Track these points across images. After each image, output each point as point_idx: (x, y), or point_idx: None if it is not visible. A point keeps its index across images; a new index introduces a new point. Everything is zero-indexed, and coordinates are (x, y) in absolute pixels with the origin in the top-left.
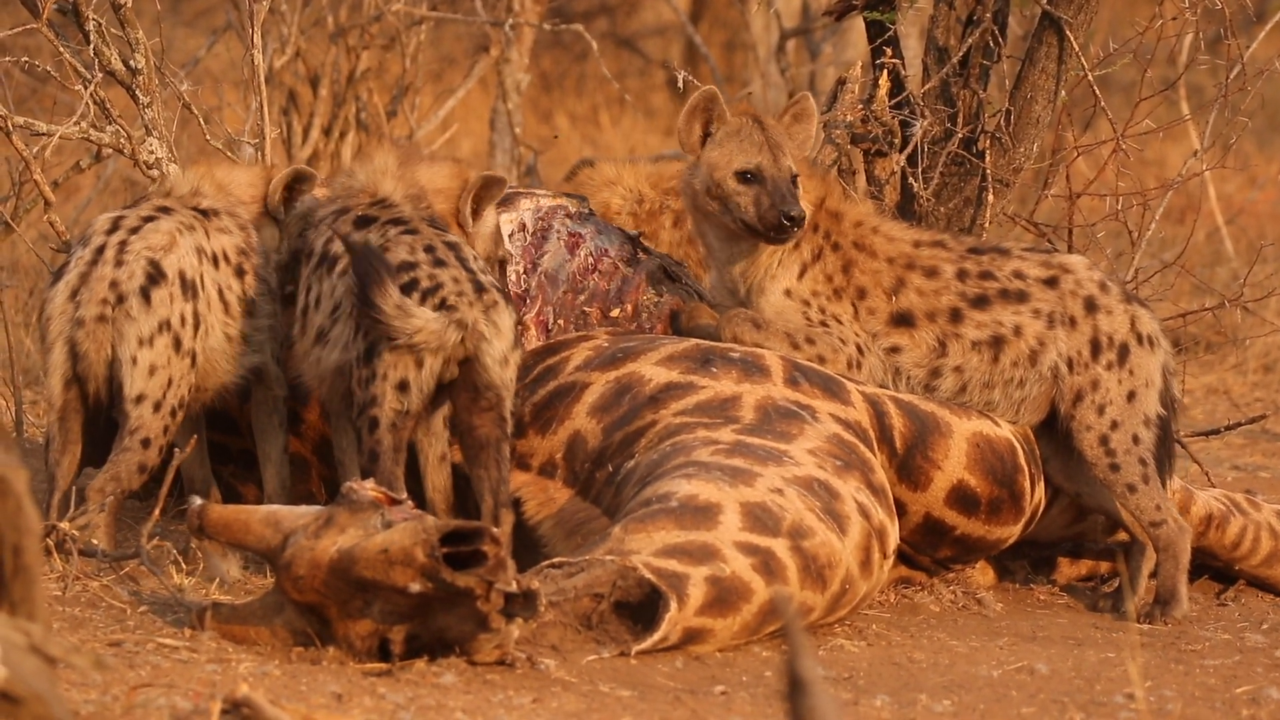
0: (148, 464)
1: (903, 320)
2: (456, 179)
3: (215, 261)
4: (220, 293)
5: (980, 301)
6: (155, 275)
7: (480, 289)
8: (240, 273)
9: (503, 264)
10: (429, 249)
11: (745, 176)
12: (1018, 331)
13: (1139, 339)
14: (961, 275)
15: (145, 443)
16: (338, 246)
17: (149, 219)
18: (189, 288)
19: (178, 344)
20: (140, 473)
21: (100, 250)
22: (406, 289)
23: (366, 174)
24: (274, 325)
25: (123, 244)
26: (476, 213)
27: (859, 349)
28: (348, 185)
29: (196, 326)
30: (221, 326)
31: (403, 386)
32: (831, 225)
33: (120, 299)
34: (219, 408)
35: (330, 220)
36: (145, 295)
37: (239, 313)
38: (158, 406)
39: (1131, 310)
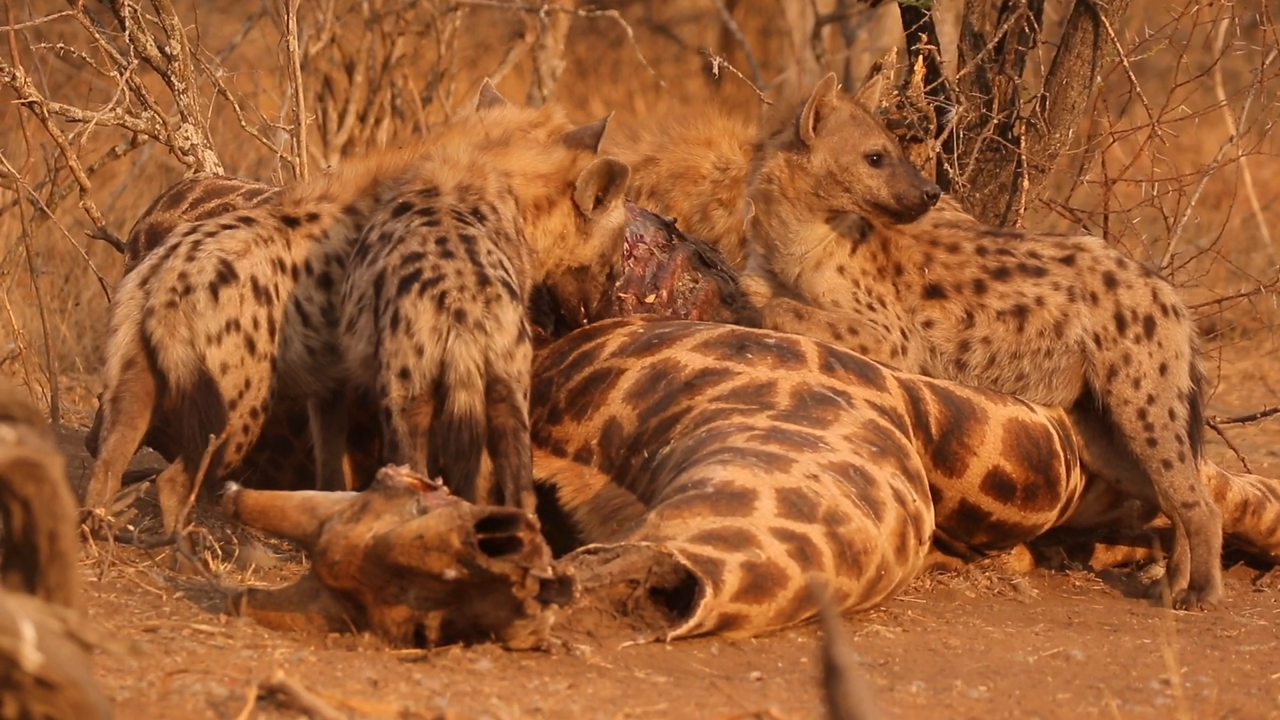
0: (222, 461)
1: (934, 293)
2: (565, 161)
3: (295, 274)
4: (298, 305)
5: (1001, 273)
6: (226, 274)
7: (484, 282)
8: (326, 282)
9: (611, 276)
10: (441, 240)
11: (874, 159)
12: (1040, 302)
13: (1164, 310)
14: (981, 251)
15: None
16: (375, 236)
17: (228, 227)
18: (262, 293)
19: (251, 346)
20: (215, 466)
21: (174, 247)
22: (409, 280)
23: (437, 161)
24: None
25: (197, 243)
26: (601, 202)
27: (904, 333)
28: (417, 171)
29: (273, 332)
30: (301, 339)
31: (404, 374)
32: None
33: (188, 290)
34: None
35: (383, 207)
36: (214, 291)
37: (321, 324)
38: (233, 405)
39: (1152, 283)
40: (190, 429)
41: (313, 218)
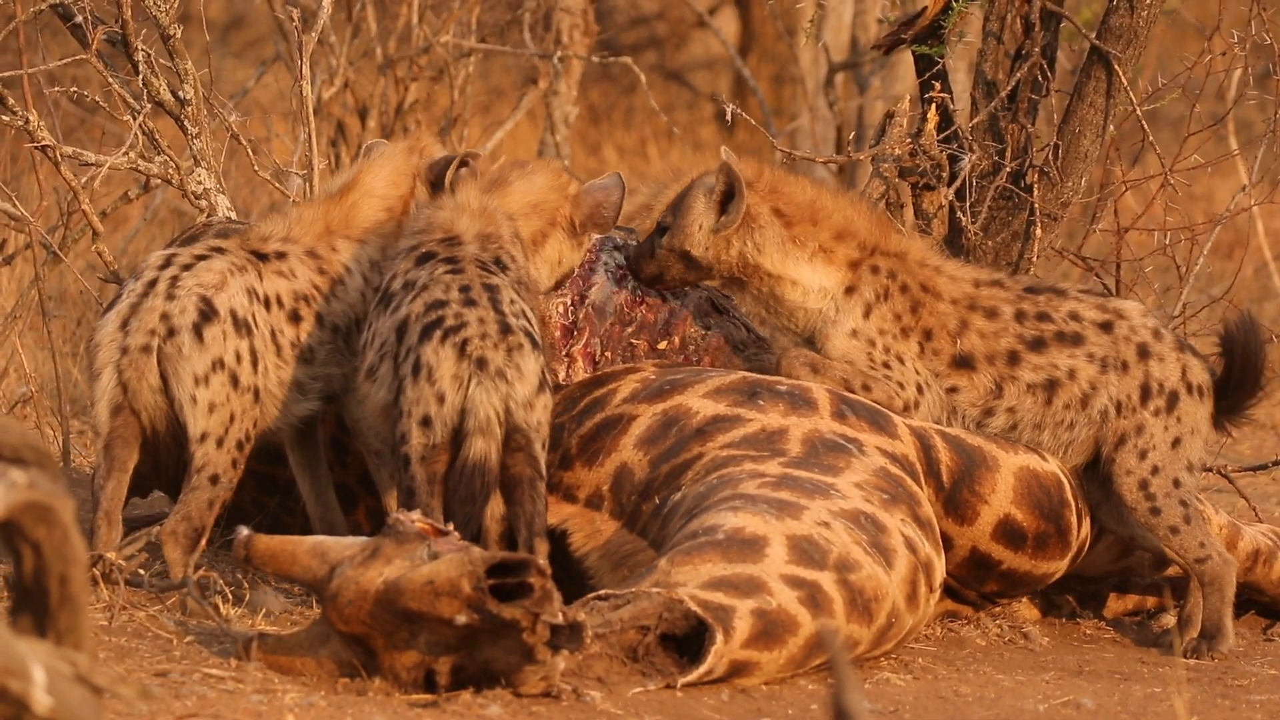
0: (217, 500)
1: (964, 363)
2: (552, 189)
3: (267, 304)
4: (273, 335)
5: (1037, 344)
6: (207, 312)
7: (506, 330)
8: (295, 318)
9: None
10: (464, 289)
11: None
12: (1072, 375)
13: (1189, 388)
14: (1019, 316)
15: (214, 479)
16: (398, 284)
17: (202, 258)
18: (241, 325)
19: (235, 380)
20: (210, 508)
21: (152, 284)
22: (431, 327)
23: (450, 209)
24: (342, 373)
25: (175, 279)
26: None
27: (919, 389)
28: (431, 219)
29: (255, 363)
30: (275, 370)
31: (425, 422)
32: (897, 266)
33: (171, 332)
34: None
35: (403, 256)
36: (198, 332)
37: (290, 358)
38: (220, 442)
39: (1184, 360)
40: (169, 472)
41: (280, 255)
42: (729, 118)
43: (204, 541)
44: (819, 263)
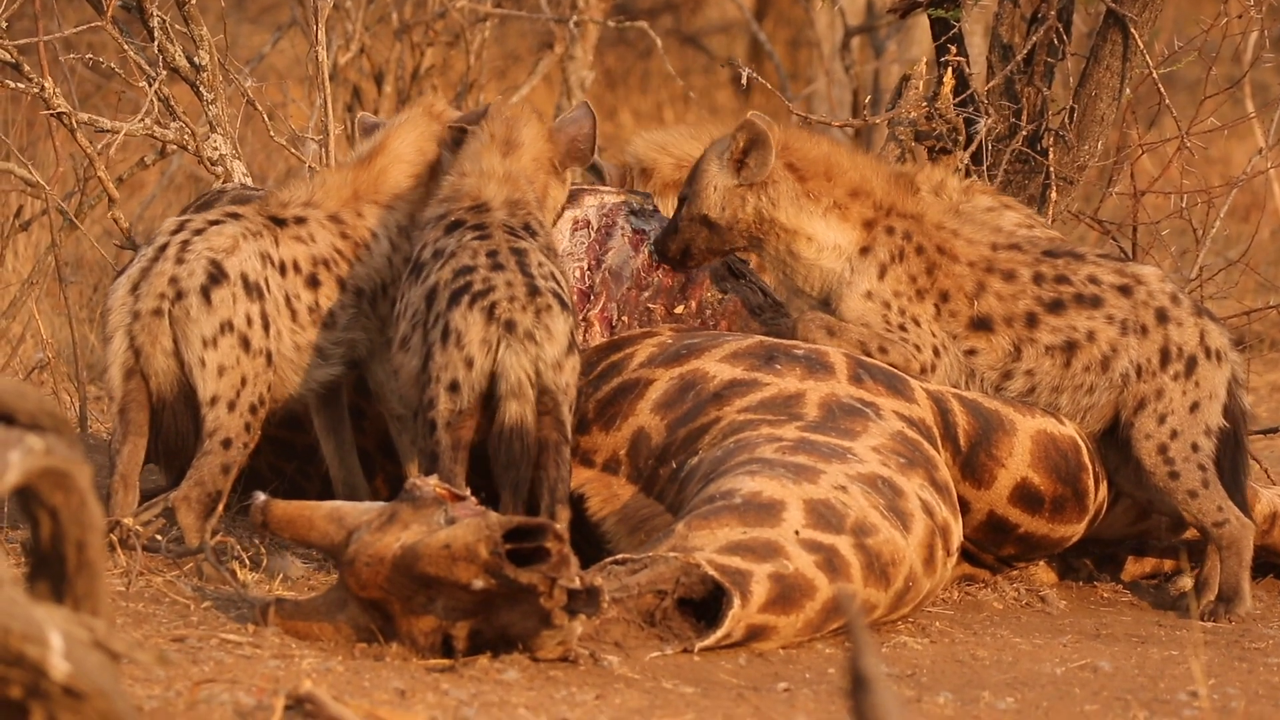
0: (231, 464)
1: (981, 325)
2: (542, 139)
3: (282, 269)
4: (288, 300)
5: (1056, 306)
6: (216, 275)
7: (534, 292)
8: (314, 283)
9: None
10: (491, 254)
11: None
12: (1091, 337)
13: (1207, 353)
14: (1038, 279)
15: (226, 443)
16: (429, 253)
17: (215, 223)
18: (253, 289)
19: (246, 344)
20: (224, 473)
21: (163, 248)
22: (459, 293)
23: (475, 176)
24: (367, 337)
25: (185, 243)
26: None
27: (935, 352)
28: (457, 187)
29: (267, 327)
30: (290, 334)
31: (453, 387)
32: (913, 227)
33: (179, 295)
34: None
35: (432, 225)
36: (206, 295)
37: (308, 323)
38: (232, 406)
39: (1202, 324)
40: (169, 439)
41: (300, 220)
42: (745, 82)
43: (220, 507)
44: (833, 219)
